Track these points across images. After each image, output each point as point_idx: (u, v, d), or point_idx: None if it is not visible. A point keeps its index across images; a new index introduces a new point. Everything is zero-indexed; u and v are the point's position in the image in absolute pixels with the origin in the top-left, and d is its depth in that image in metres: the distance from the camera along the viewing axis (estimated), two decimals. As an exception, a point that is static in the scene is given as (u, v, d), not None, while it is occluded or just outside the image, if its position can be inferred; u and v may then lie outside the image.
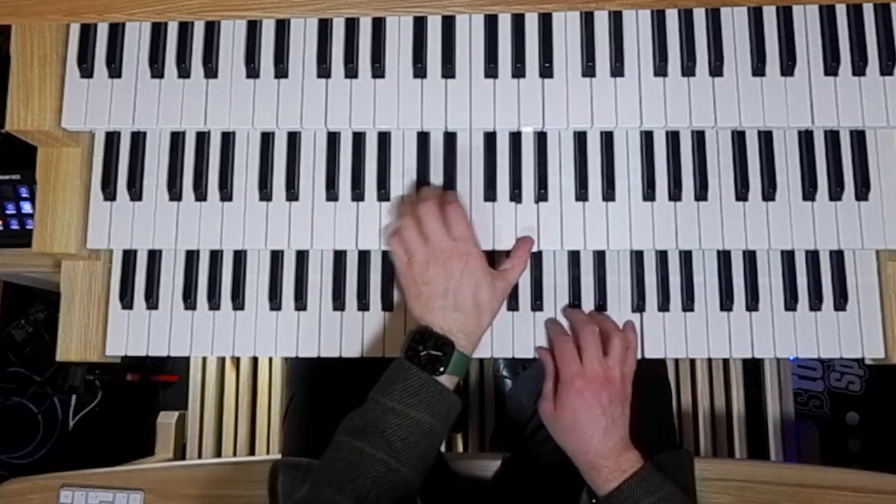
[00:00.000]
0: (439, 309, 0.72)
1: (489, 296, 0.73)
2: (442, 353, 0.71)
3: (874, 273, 0.81)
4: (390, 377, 0.71)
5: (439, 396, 0.70)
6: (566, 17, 0.80)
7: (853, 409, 1.68)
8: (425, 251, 0.73)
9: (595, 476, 0.72)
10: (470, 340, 0.73)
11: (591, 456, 0.72)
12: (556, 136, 0.81)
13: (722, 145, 0.81)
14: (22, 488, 0.89)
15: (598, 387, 0.73)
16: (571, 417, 0.73)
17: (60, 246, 0.81)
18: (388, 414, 0.68)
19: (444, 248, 0.72)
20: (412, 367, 0.70)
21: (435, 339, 0.71)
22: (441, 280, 0.72)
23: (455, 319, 0.72)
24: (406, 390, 0.69)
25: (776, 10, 0.79)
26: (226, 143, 0.83)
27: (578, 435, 0.73)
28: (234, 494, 0.87)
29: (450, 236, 0.73)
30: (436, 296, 0.72)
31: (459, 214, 0.75)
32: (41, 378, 1.70)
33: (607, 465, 0.71)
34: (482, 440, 1.39)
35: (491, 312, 0.75)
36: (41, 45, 0.80)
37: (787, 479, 0.84)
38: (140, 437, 1.49)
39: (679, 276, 0.81)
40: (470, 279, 0.72)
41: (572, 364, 0.75)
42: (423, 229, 0.73)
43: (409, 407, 0.69)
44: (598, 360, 0.74)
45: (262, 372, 1.45)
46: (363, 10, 0.80)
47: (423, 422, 0.69)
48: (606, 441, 0.72)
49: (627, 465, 0.71)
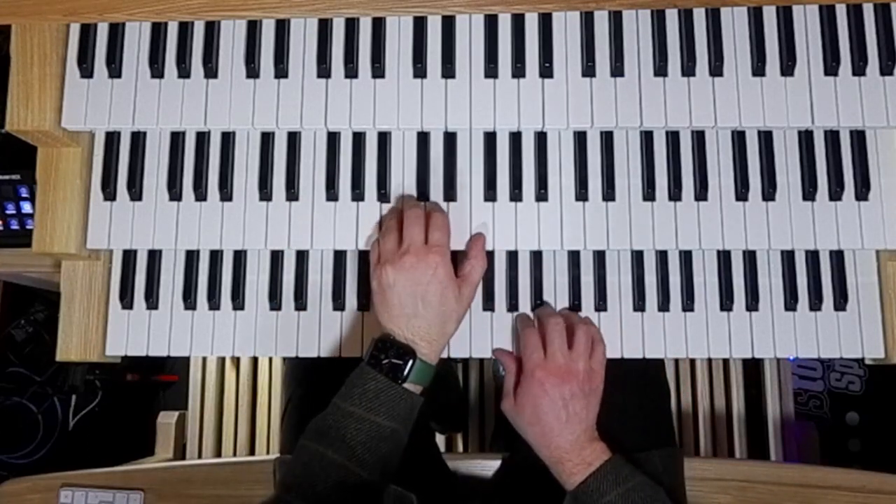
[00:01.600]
0: (403, 316, 0.72)
1: (455, 304, 0.73)
2: (403, 362, 0.70)
3: (874, 273, 0.81)
4: (351, 382, 0.71)
5: (400, 400, 0.70)
6: (566, 17, 0.80)
7: (853, 409, 1.68)
8: (397, 254, 0.73)
9: (560, 470, 0.71)
10: (433, 349, 0.73)
11: (554, 449, 0.71)
12: (556, 136, 0.81)
13: (722, 145, 0.81)
14: (22, 488, 0.89)
15: (558, 379, 0.72)
16: (532, 410, 0.72)
17: (60, 246, 0.81)
18: (349, 419, 0.69)
19: (415, 253, 0.72)
20: (371, 371, 0.70)
21: (396, 347, 0.71)
22: (407, 285, 0.71)
23: (419, 327, 0.72)
24: (365, 395, 0.69)
25: (776, 10, 0.79)
26: (226, 143, 0.83)
27: (539, 428, 0.72)
28: (234, 494, 0.87)
29: (426, 241, 0.73)
30: (401, 301, 0.72)
31: (444, 222, 0.75)
32: (41, 378, 1.70)
33: (571, 458, 0.71)
34: (482, 440, 1.39)
35: (457, 320, 0.75)
36: (41, 45, 0.80)
37: (787, 479, 0.84)
38: (140, 437, 1.49)
39: (679, 276, 0.81)
40: (436, 287, 0.72)
41: (534, 355, 0.74)
42: (403, 233, 0.73)
43: (369, 412, 0.69)
44: (561, 352, 0.73)
45: (262, 372, 1.45)
46: (363, 10, 0.80)
47: (384, 426, 0.69)
48: (567, 434, 0.71)
49: (592, 457, 0.70)
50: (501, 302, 0.81)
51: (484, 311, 0.81)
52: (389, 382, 0.70)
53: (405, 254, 0.72)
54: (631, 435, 0.81)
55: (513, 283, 0.82)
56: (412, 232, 0.73)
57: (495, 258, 0.82)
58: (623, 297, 0.81)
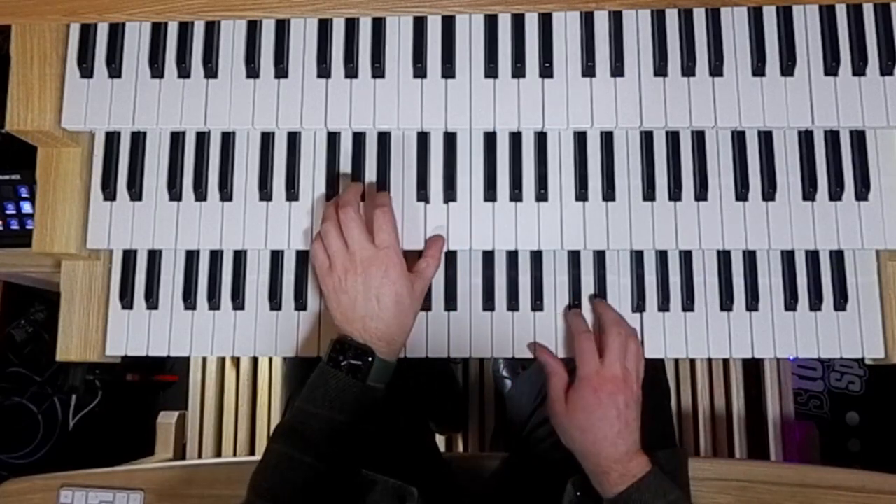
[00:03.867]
0: (359, 318, 0.71)
1: (409, 301, 0.73)
2: (362, 362, 0.70)
3: (874, 273, 0.81)
4: (312, 384, 0.71)
5: (362, 396, 0.70)
6: (566, 17, 0.80)
7: (853, 409, 1.68)
8: (345, 258, 0.72)
9: (603, 479, 0.70)
10: (392, 348, 0.73)
11: (602, 459, 0.70)
12: (556, 136, 0.81)
13: (722, 145, 0.81)
14: (22, 488, 0.89)
15: (615, 388, 0.71)
16: (585, 417, 0.71)
17: (60, 246, 0.81)
18: (312, 419, 0.69)
19: (364, 257, 0.71)
20: (332, 370, 0.70)
21: (354, 349, 0.71)
22: (361, 289, 0.71)
23: (376, 328, 0.71)
24: (327, 395, 0.69)
25: (776, 10, 0.79)
26: (226, 143, 0.83)
27: (590, 436, 0.71)
28: (234, 494, 0.87)
29: (373, 243, 0.72)
30: (355, 304, 0.71)
31: (387, 220, 0.73)
32: (41, 378, 1.70)
33: (617, 469, 0.69)
34: (482, 440, 1.39)
35: (413, 315, 0.75)
36: (41, 45, 0.80)
37: (787, 479, 0.84)
38: (140, 437, 1.49)
39: (679, 276, 0.81)
40: (390, 288, 0.71)
41: (591, 362, 0.73)
42: (345, 236, 0.73)
43: (331, 411, 0.69)
44: (620, 361, 0.72)
45: (262, 372, 1.45)
46: (363, 10, 0.80)
47: (346, 423, 0.69)
48: (619, 445, 0.70)
49: (637, 469, 0.69)
50: (501, 302, 0.81)
51: (484, 311, 0.81)
52: (350, 380, 0.70)
53: (353, 257, 0.72)
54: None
55: (513, 282, 0.82)
56: (353, 235, 0.72)
57: (495, 258, 0.82)
58: (623, 297, 0.81)
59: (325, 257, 0.74)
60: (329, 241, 0.73)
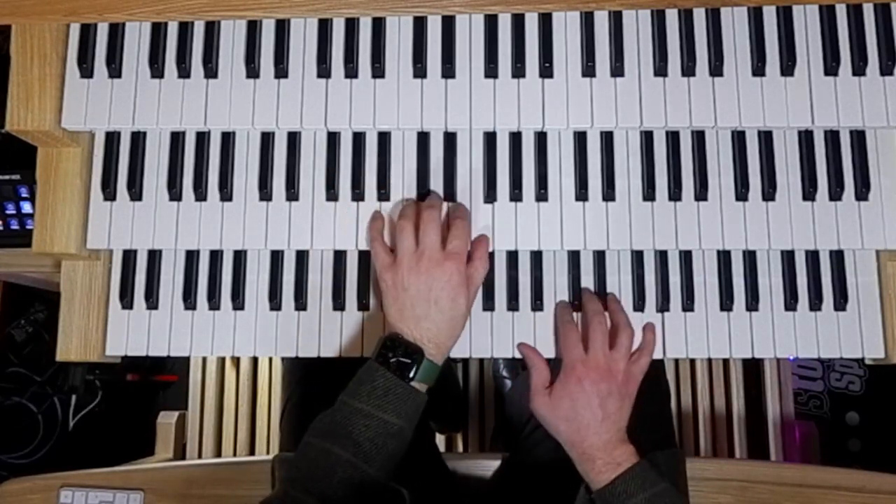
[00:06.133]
0: (413, 318, 0.72)
1: (464, 308, 0.74)
2: (411, 360, 0.71)
3: (874, 273, 0.81)
4: (359, 379, 0.71)
5: (407, 397, 0.70)
6: (566, 17, 0.80)
7: (853, 409, 1.68)
8: (414, 257, 0.73)
9: (589, 468, 0.72)
10: (440, 350, 0.73)
11: (587, 446, 0.72)
12: (556, 136, 0.81)
13: (722, 145, 0.81)
14: (22, 488, 0.89)
15: (598, 376, 0.73)
16: (569, 406, 0.73)
17: (60, 246, 0.81)
18: (356, 415, 0.69)
19: (432, 258, 0.72)
20: (381, 368, 0.70)
21: (405, 346, 0.71)
22: (422, 289, 0.72)
23: (427, 329, 0.72)
24: (374, 392, 0.70)
25: (776, 10, 0.79)
26: (226, 143, 0.83)
27: (574, 425, 0.73)
28: (234, 494, 0.87)
29: (444, 248, 0.73)
30: (413, 304, 0.72)
31: (464, 230, 0.75)
32: (41, 378, 1.70)
33: (602, 457, 0.71)
34: (482, 440, 1.39)
35: (464, 322, 0.75)
36: (41, 45, 0.80)
37: (787, 479, 0.84)
38: (140, 437, 1.49)
39: (679, 276, 0.81)
40: (449, 293, 0.72)
41: (574, 351, 0.75)
42: (420, 235, 0.74)
43: (376, 409, 0.69)
44: (602, 350, 0.74)
45: (262, 372, 1.45)
46: (363, 10, 0.80)
47: (391, 423, 0.69)
48: (602, 433, 0.72)
49: (622, 458, 0.71)
50: (502, 302, 0.81)
51: (484, 311, 0.81)
52: (397, 380, 0.70)
53: (421, 257, 0.72)
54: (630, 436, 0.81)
55: (513, 282, 0.82)
56: (429, 236, 0.73)
57: (495, 258, 0.82)
58: (623, 297, 0.81)
59: (385, 253, 0.75)
60: (402, 237, 0.74)
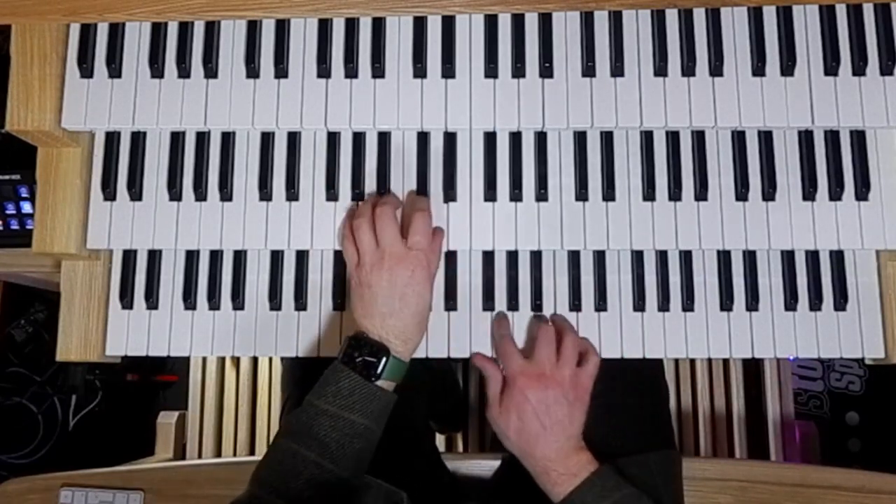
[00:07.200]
0: (378, 315, 0.72)
1: (429, 302, 0.74)
2: (377, 359, 0.71)
3: (874, 273, 0.81)
4: (325, 380, 0.71)
5: (373, 397, 0.70)
6: (566, 17, 0.80)
7: (853, 409, 1.68)
8: (375, 255, 0.73)
9: (545, 481, 0.71)
10: (407, 347, 0.73)
11: (539, 457, 0.71)
12: (556, 136, 0.81)
13: (722, 145, 0.81)
14: (22, 488, 0.89)
15: (541, 385, 0.72)
16: (517, 416, 0.72)
17: (60, 246, 0.81)
18: (322, 416, 0.69)
19: (393, 254, 0.72)
20: (345, 369, 0.70)
21: (370, 345, 0.71)
22: (385, 286, 0.72)
23: (394, 326, 0.72)
24: (339, 392, 0.70)
25: (776, 10, 0.79)
26: (226, 143, 0.83)
27: (524, 435, 0.72)
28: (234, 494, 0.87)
29: (405, 243, 0.73)
30: (378, 301, 0.72)
31: (423, 224, 0.74)
32: (41, 378, 1.70)
33: (556, 468, 0.70)
34: (482, 440, 1.39)
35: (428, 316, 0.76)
36: (41, 45, 0.80)
37: (787, 479, 0.84)
38: (140, 437, 1.49)
39: (679, 276, 0.81)
40: (414, 289, 0.72)
41: (513, 362, 0.75)
42: (377, 233, 0.74)
43: (342, 409, 0.69)
44: (547, 358, 0.74)
45: (262, 372, 1.45)
46: (363, 10, 0.80)
47: (357, 423, 0.69)
48: (551, 442, 0.71)
49: (578, 468, 0.70)
50: (501, 302, 0.81)
51: (484, 311, 0.81)
52: (363, 381, 0.70)
53: (384, 255, 0.73)
54: (628, 436, 0.81)
55: (513, 282, 0.82)
56: (386, 232, 0.73)
57: (495, 258, 0.82)
58: (623, 297, 0.81)
59: (354, 252, 0.75)
60: (360, 236, 0.74)
